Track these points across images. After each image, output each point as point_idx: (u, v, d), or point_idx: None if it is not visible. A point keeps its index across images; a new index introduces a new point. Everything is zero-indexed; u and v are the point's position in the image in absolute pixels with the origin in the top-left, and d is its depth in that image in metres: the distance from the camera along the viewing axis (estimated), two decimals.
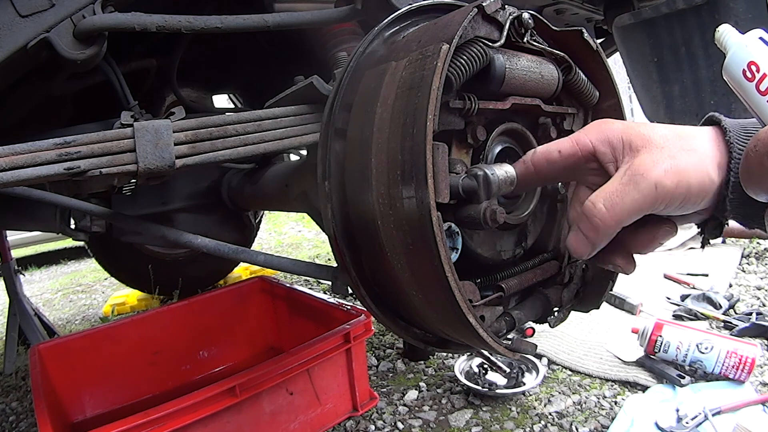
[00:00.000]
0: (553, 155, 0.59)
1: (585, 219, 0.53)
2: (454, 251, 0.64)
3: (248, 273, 3.04)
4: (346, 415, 1.38)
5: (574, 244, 0.56)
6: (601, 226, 0.52)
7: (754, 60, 0.42)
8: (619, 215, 0.51)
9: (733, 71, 0.44)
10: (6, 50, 0.73)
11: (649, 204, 0.50)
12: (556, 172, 0.61)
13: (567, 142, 0.59)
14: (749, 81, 0.42)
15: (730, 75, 0.44)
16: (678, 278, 2.24)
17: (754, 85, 0.42)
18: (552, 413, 1.38)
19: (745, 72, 0.43)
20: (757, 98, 0.42)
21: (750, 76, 0.42)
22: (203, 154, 0.81)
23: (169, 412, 1.00)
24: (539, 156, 0.61)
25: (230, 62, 1.84)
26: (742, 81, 0.43)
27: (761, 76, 0.41)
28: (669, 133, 0.51)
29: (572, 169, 0.59)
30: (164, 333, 1.68)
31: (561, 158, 0.59)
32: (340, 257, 0.73)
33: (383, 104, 0.65)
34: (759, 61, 0.42)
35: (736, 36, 0.44)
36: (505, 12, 0.68)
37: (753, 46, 0.42)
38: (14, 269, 2.29)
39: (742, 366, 1.37)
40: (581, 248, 0.55)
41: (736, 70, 0.43)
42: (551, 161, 0.60)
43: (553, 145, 0.60)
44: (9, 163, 0.67)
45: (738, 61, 0.43)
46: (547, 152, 0.60)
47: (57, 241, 4.68)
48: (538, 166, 0.61)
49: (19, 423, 1.73)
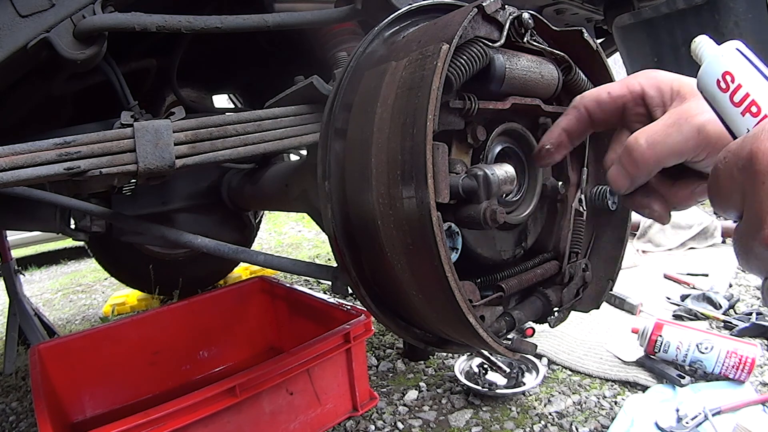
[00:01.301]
0: (603, 96, 0.59)
1: (626, 153, 0.53)
2: (454, 251, 0.64)
3: (248, 273, 3.03)
4: (346, 415, 1.38)
5: (613, 176, 0.56)
6: (640, 162, 0.52)
7: (729, 70, 0.41)
8: (659, 154, 0.51)
9: (707, 81, 0.42)
10: (6, 50, 0.73)
11: (690, 148, 0.50)
12: (605, 115, 0.61)
13: (616, 84, 0.59)
14: (723, 91, 0.41)
15: (703, 85, 0.43)
16: (678, 278, 2.24)
17: (728, 95, 0.40)
18: (552, 413, 1.38)
19: (719, 82, 0.41)
20: (731, 109, 0.40)
21: (724, 87, 0.41)
22: (203, 154, 0.81)
23: (169, 412, 1.00)
24: (588, 98, 0.61)
25: (230, 62, 1.84)
26: (716, 91, 0.41)
27: (736, 87, 0.40)
28: None
29: (620, 111, 0.59)
30: (164, 333, 1.68)
31: (610, 99, 0.59)
32: (340, 257, 0.73)
33: (383, 104, 0.65)
34: (734, 71, 0.40)
35: (711, 46, 0.43)
36: (505, 12, 0.68)
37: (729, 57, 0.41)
38: (14, 269, 2.29)
39: (742, 366, 1.37)
40: (620, 181, 0.55)
41: (710, 81, 0.42)
42: (601, 102, 0.60)
43: (602, 88, 0.60)
44: (9, 163, 0.67)
45: (712, 72, 0.42)
46: (597, 94, 0.61)
47: (57, 241, 4.68)
48: (589, 108, 0.61)
49: (19, 423, 1.73)
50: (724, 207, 0.39)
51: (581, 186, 0.86)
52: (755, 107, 0.39)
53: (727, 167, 0.36)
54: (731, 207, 0.38)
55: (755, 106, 0.39)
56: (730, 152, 0.36)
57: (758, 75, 0.40)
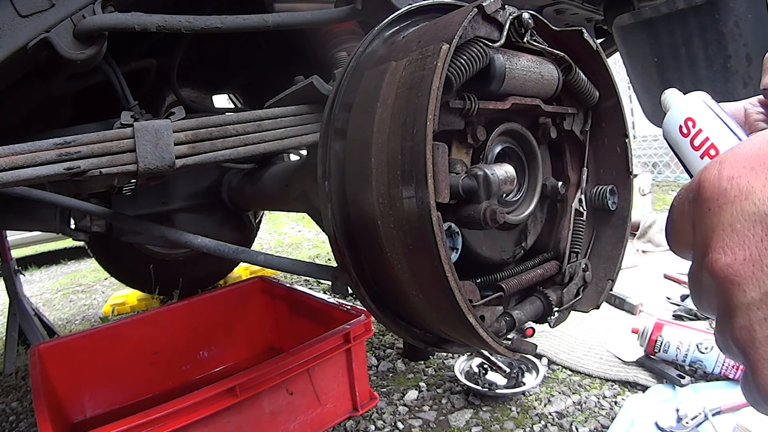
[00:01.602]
0: None
1: None
2: (454, 251, 0.64)
3: (248, 273, 3.04)
4: (346, 415, 1.38)
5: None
6: None
7: (691, 116, 0.42)
8: None
9: (670, 128, 0.44)
10: (6, 50, 0.73)
11: None
12: None
13: None
14: (684, 136, 0.43)
15: (667, 132, 0.45)
16: (678, 278, 2.24)
17: (688, 140, 0.42)
18: (552, 413, 1.38)
19: (681, 128, 0.43)
20: (690, 153, 0.42)
21: (686, 132, 0.42)
22: (203, 154, 0.81)
23: (169, 412, 1.00)
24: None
25: (230, 62, 1.84)
26: (678, 137, 0.43)
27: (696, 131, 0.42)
28: None
29: None
30: (164, 333, 1.68)
31: None
32: (340, 257, 0.73)
33: (383, 104, 0.65)
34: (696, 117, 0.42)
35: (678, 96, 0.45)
36: (505, 12, 0.68)
37: (692, 104, 0.43)
38: (14, 269, 2.29)
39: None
40: None
41: (674, 127, 0.44)
42: None
43: None
44: (9, 163, 0.67)
45: (676, 118, 0.44)
46: None
47: (57, 241, 4.68)
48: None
49: (19, 423, 1.73)
50: (679, 244, 0.38)
51: (581, 186, 0.86)
52: (713, 150, 0.40)
53: (680, 203, 0.36)
54: (685, 243, 0.36)
55: (713, 149, 0.40)
56: (683, 189, 0.36)
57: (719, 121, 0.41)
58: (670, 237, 0.39)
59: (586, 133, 0.87)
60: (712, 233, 0.32)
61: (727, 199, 0.31)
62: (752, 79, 1.34)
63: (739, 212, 0.31)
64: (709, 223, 0.32)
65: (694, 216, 0.34)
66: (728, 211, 0.31)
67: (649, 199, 3.19)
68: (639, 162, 5.24)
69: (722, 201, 0.32)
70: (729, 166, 0.32)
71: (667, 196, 4.19)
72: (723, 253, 0.31)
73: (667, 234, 0.39)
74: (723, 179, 0.32)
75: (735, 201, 0.31)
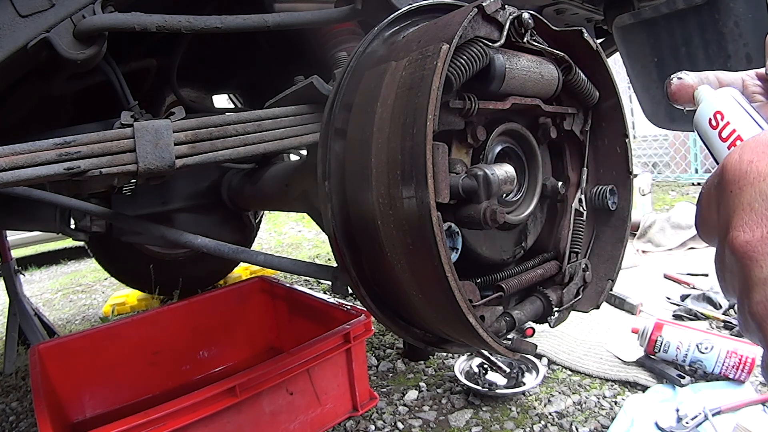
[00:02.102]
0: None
1: None
2: (454, 251, 0.64)
3: (248, 273, 3.04)
4: (346, 415, 1.38)
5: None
6: None
7: (720, 110, 0.45)
8: None
9: (701, 121, 0.47)
10: (6, 50, 0.73)
11: None
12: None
13: None
14: (713, 128, 0.45)
15: (698, 125, 0.47)
16: (678, 278, 2.24)
17: (717, 132, 0.45)
18: (552, 413, 1.38)
19: (710, 121, 0.46)
20: (718, 144, 0.44)
21: (714, 124, 0.45)
22: (203, 154, 0.81)
23: (169, 412, 1.00)
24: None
25: (230, 62, 1.84)
26: (708, 129, 0.46)
27: (724, 124, 0.44)
28: None
29: None
30: (164, 333, 1.68)
31: None
32: (340, 257, 0.73)
33: (383, 104, 0.65)
34: (724, 110, 0.45)
35: (709, 92, 0.48)
36: (505, 12, 0.68)
37: (722, 99, 0.46)
38: (14, 269, 2.29)
39: (742, 366, 1.36)
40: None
41: (704, 120, 0.46)
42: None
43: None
44: (9, 163, 0.67)
45: (706, 112, 0.46)
46: None
47: (57, 241, 4.68)
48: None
49: (19, 423, 1.73)
50: (707, 231, 0.39)
51: (581, 186, 0.86)
52: (739, 141, 0.43)
53: (707, 189, 0.38)
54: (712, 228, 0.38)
55: (740, 139, 0.43)
56: (710, 176, 0.38)
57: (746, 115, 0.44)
58: (698, 223, 0.40)
59: (586, 133, 0.87)
60: (733, 213, 0.34)
61: (746, 180, 0.33)
62: None
63: (757, 193, 0.32)
64: (730, 204, 0.34)
65: (719, 199, 0.36)
66: (748, 192, 0.33)
67: (649, 199, 3.19)
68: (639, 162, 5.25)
69: (742, 183, 0.34)
70: (749, 151, 0.34)
71: (667, 196, 4.19)
72: (742, 231, 0.32)
73: (696, 221, 0.41)
74: (743, 162, 0.34)
75: (754, 182, 0.33)
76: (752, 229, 0.32)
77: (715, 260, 0.37)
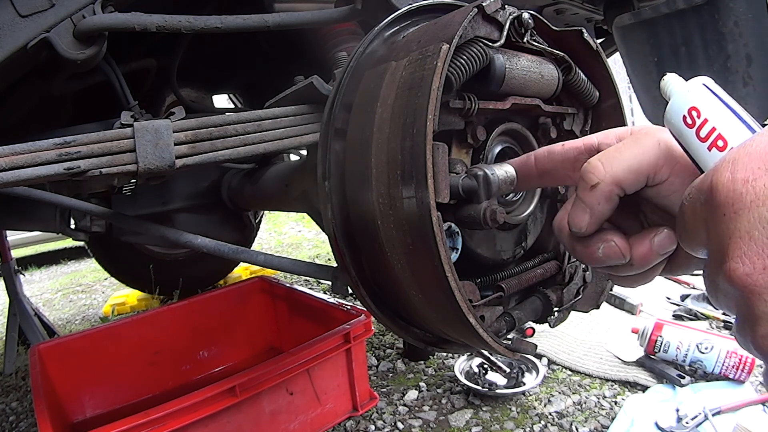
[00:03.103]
0: (556, 148, 0.56)
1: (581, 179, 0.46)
2: (454, 251, 0.64)
3: (248, 273, 3.03)
4: (346, 415, 1.38)
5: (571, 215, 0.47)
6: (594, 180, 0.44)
7: (695, 105, 0.40)
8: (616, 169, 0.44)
9: (673, 118, 0.42)
10: (6, 50, 0.73)
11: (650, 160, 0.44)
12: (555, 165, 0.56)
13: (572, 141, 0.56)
14: (689, 127, 0.40)
15: (670, 122, 0.42)
16: (678, 278, 2.24)
17: (694, 131, 0.40)
18: (552, 413, 1.38)
19: (685, 118, 0.40)
20: (697, 144, 0.40)
21: (690, 122, 0.40)
22: (203, 154, 0.81)
23: (169, 412, 1.00)
24: (542, 150, 0.58)
25: (230, 62, 1.84)
26: (683, 127, 0.41)
27: (702, 122, 0.39)
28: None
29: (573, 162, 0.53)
30: (164, 333, 1.68)
31: (562, 151, 0.55)
32: (340, 257, 0.73)
33: (383, 104, 0.65)
34: (700, 106, 0.40)
35: (679, 83, 0.43)
36: (505, 12, 0.68)
37: (695, 92, 0.41)
38: (14, 269, 2.29)
39: (742, 366, 1.37)
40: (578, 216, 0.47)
41: (677, 117, 0.41)
42: (551, 152, 0.56)
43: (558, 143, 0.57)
44: (9, 163, 0.67)
45: (679, 108, 0.41)
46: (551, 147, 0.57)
47: (57, 241, 4.68)
48: (539, 158, 0.58)
49: (19, 423, 1.73)
50: (692, 244, 0.37)
51: None
52: (721, 141, 0.38)
53: (692, 203, 0.35)
54: (698, 243, 0.36)
55: (721, 140, 0.38)
56: (694, 187, 0.35)
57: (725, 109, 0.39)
58: (681, 237, 0.38)
59: (586, 133, 0.87)
60: (728, 240, 0.31)
61: (743, 204, 0.30)
62: (752, 78, 1.34)
63: (756, 219, 0.29)
64: (724, 229, 0.31)
65: (708, 219, 0.33)
66: (745, 218, 0.30)
67: None
68: None
69: (738, 206, 0.30)
70: (743, 168, 0.31)
71: None
72: (741, 263, 0.30)
73: (679, 233, 0.38)
74: (737, 182, 0.31)
75: (752, 207, 0.30)
76: (752, 261, 0.29)
77: (705, 278, 0.35)
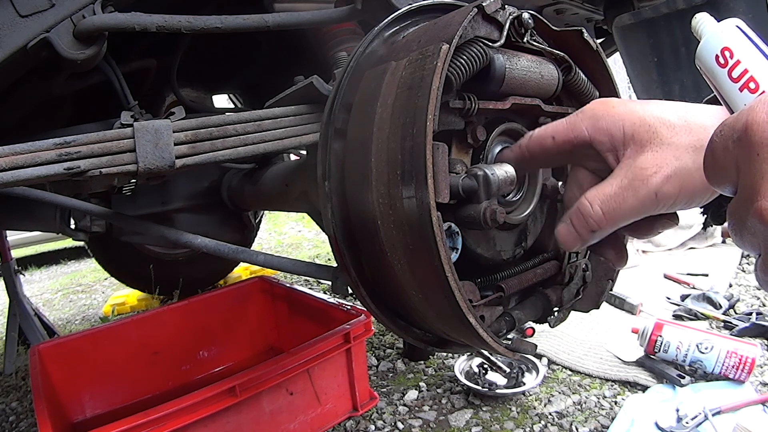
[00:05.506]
0: (547, 142, 0.58)
1: (579, 215, 0.52)
2: (454, 251, 0.64)
3: (248, 273, 3.03)
4: (346, 415, 1.38)
5: (563, 236, 0.54)
6: (595, 228, 0.51)
7: (728, 46, 0.40)
8: (614, 219, 0.50)
9: (705, 57, 0.42)
10: (6, 50, 0.73)
11: (647, 209, 0.49)
12: (551, 158, 0.61)
13: (561, 126, 0.57)
14: (721, 67, 0.41)
15: (702, 61, 0.43)
16: (678, 278, 2.24)
17: (726, 71, 0.40)
18: (552, 413, 1.38)
19: (718, 58, 0.41)
20: (729, 85, 0.40)
21: (723, 62, 0.40)
22: (203, 154, 0.81)
23: (169, 412, 1.00)
24: (534, 142, 0.61)
25: (230, 62, 1.84)
26: (715, 67, 0.41)
27: (734, 63, 0.40)
28: (678, 122, 0.49)
29: (568, 154, 0.58)
30: (164, 333, 1.68)
31: (555, 145, 0.58)
32: (340, 257, 0.73)
33: (383, 104, 0.65)
34: (733, 47, 0.40)
35: (712, 23, 0.43)
36: (505, 12, 0.68)
37: (728, 33, 0.41)
38: (14, 269, 2.28)
39: (742, 366, 1.36)
40: (570, 241, 0.54)
41: (709, 56, 0.42)
42: (545, 148, 0.59)
43: (549, 129, 0.59)
44: (9, 163, 0.67)
45: (711, 47, 0.42)
46: (541, 138, 0.59)
47: (57, 241, 4.67)
48: (533, 151, 0.61)
49: (19, 423, 1.73)
50: (719, 181, 0.37)
51: None
52: (753, 83, 0.39)
53: (723, 140, 0.35)
54: (726, 180, 0.36)
55: (753, 82, 0.39)
56: (726, 125, 0.35)
57: (757, 52, 0.39)
58: (709, 172, 0.38)
59: None
60: (760, 179, 0.32)
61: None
62: None
63: None
64: (758, 169, 0.32)
65: (739, 157, 0.34)
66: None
67: None
68: None
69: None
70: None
71: None
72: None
73: (706, 168, 0.38)
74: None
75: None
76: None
77: (731, 215, 0.36)
